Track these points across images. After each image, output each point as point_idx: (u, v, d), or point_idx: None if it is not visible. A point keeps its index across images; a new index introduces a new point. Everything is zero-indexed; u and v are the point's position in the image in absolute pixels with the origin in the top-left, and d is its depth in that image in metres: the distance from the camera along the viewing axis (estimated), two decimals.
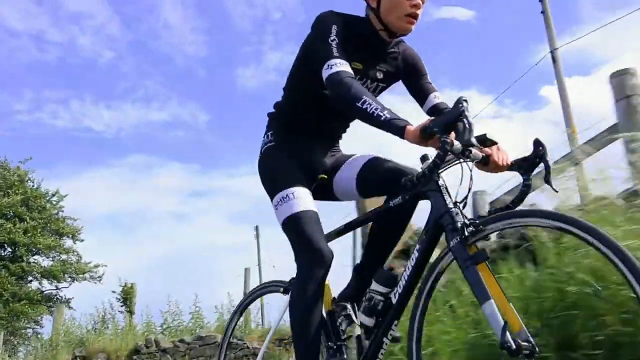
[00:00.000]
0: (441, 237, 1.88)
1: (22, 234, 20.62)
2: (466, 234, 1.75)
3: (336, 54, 1.99)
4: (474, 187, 1.87)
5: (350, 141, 2.52)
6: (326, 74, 1.98)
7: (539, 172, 1.87)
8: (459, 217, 1.81)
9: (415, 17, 2.08)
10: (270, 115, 2.42)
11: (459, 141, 1.72)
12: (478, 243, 1.78)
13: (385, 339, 1.99)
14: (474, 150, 1.84)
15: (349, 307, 2.23)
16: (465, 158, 1.84)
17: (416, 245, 1.93)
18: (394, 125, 1.82)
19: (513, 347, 1.54)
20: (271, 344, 6.29)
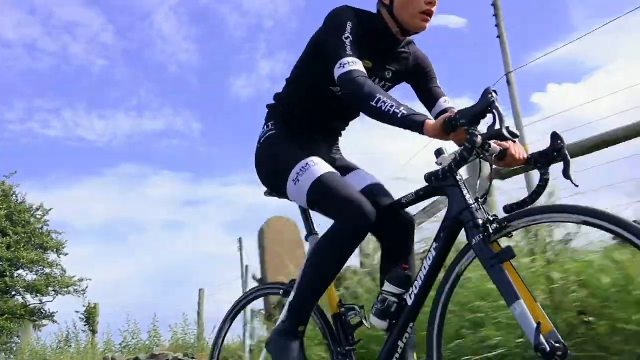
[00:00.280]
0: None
1: (5, 249, 20.29)
2: (490, 231, 1.67)
3: (349, 52, 1.92)
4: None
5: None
6: (338, 72, 1.90)
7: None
8: (479, 213, 1.74)
9: (430, 14, 2.02)
10: (270, 106, 2.33)
11: (488, 133, 1.62)
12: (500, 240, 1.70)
13: (400, 342, 1.89)
14: (492, 144, 1.77)
15: (358, 309, 2.13)
16: (484, 152, 1.76)
17: (433, 244, 1.85)
18: (412, 121, 1.74)
19: (547, 349, 1.46)
20: None
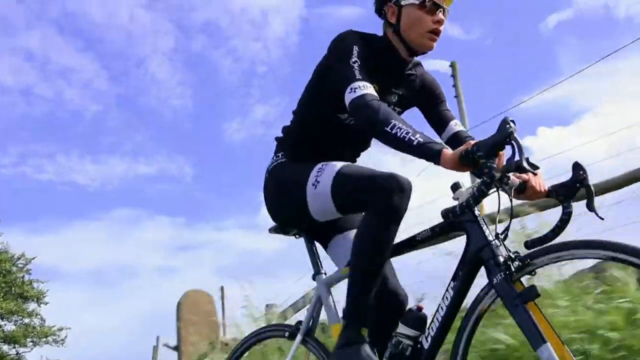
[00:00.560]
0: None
1: None
2: (512, 269, 1.58)
3: (359, 77, 1.87)
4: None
5: None
6: (349, 97, 1.84)
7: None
8: (500, 250, 1.65)
9: (437, 33, 1.99)
10: (279, 139, 2.28)
11: (507, 166, 1.56)
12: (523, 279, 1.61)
13: None
14: (512, 177, 1.70)
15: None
16: (503, 185, 1.69)
17: (450, 283, 1.75)
18: (428, 150, 1.68)
19: None
20: None
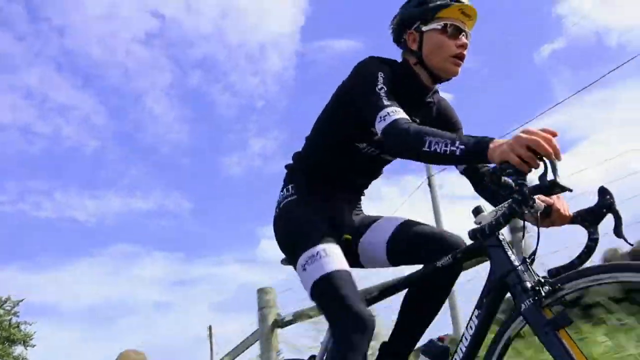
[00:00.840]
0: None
1: None
2: (543, 295, 1.50)
3: (387, 103, 1.81)
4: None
5: None
6: (380, 126, 1.78)
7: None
8: (526, 275, 1.58)
9: (461, 58, 1.94)
10: (289, 167, 2.21)
11: (537, 185, 1.47)
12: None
13: None
14: (537, 200, 1.64)
15: None
16: (528, 208, 1.63)
17: (474, 311, 1.67)
18: (474, 155, 1.56)
19: None
20: None
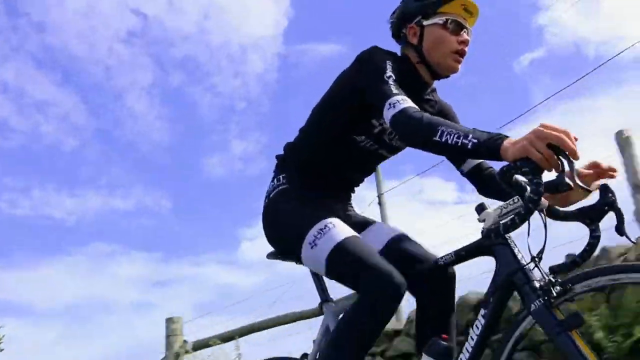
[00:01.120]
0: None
1: None
2: (553, 295, 1.47)
3: (396, 91, 1.72)
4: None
5: None
6: (390, 114, 1.68)
7: None
8: (533, 274, 1.55)
9: (462, 54, 1.89)
10: (280, 157, 2.10)
11: (558, 180, 1.39)
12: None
13: None
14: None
15: None
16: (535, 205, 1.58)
17: (481, 311, 1.64)
18: (486, 151, 1.48)
19: None
20: None
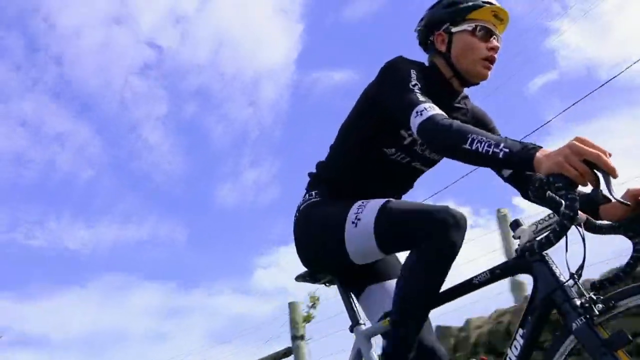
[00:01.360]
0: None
1: None
2: (596, 313, 1.42)
3: (422, 99, 1.69)
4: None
5: None
6: (416, 122, 1.65)
7: None
8: (575, 291, 1.50)
9: (492, 61, 1.86)
10: (312, 175, 2.10)
11: (593, 196, 1.36)
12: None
13: None
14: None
15: None
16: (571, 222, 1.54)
17: (518, 330, 1.60)
18: (518, 161, 1.44)
19: None
20: None
